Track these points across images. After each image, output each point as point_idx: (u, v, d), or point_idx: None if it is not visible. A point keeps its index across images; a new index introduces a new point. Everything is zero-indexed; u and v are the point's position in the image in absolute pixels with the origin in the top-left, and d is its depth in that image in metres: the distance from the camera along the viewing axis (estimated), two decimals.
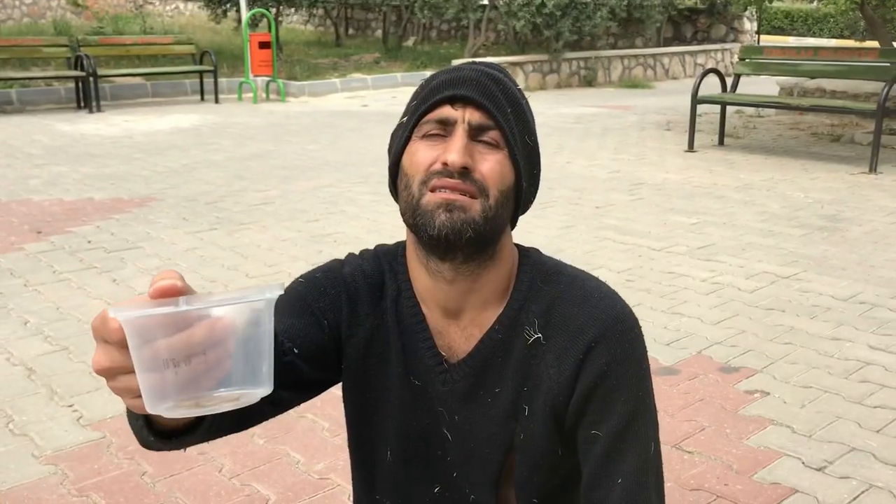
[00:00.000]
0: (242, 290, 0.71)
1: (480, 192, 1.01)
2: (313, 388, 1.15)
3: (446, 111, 1.02)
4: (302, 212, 5.32)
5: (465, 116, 1.02)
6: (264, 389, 0.74)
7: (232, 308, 0.70)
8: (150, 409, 0.70)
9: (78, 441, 2.51)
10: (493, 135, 1.02)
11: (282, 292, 0.73)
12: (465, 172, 1.00)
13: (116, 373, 0.72)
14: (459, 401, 1.12)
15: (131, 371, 0.70)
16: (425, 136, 1.03)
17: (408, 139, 1.05)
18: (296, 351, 1.07)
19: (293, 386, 1.09)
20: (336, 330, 1.13)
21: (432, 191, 1.01)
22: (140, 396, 0.70)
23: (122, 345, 0.70)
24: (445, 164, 0.99)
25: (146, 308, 0.68)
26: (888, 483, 2.29)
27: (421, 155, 1.03)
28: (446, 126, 1.02)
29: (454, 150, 1.00)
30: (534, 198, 1.14)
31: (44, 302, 3.68)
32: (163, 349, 0.68)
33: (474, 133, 1.02)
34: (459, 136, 1.01)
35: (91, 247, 4.52)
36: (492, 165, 1.02)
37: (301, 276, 1.17)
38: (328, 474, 2.34)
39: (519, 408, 1.09)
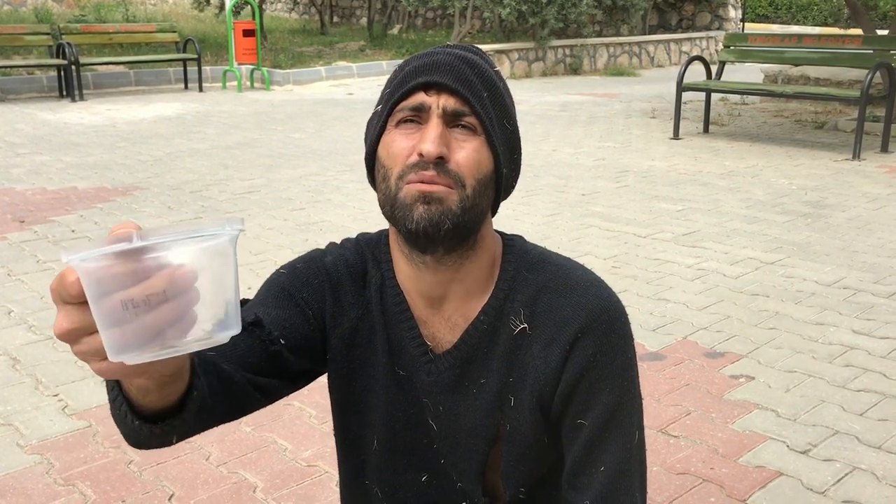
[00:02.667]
0: (199, 225, 0.67)
1: (457, 183, 0.99)
2: (300, 379, 1.14)
3: (420, 98, 1.00)
4: (287, 200, 5.30)
5: (439, 103, 1.00)
6: (233, 330, 0.71)
7: (192, 253, 0.67)
8: (113, 356, 0.66)
9: (63, 430, 2.50)
10: (469, 120, 1.00)
11: (242, 227, 0.69)
12: (440, 163, 0.98)
13: (79, 334, 0.68)
14: (444, 392, 1.11)
15: (95, 331, 0.66)
16: (400, 124, 1.01)
17: (383, 128, 1.04)
18: (282, 341, 1.06)
19: (279, 376, 1.08)
20: (321, 320, 1.12)
21: (409, 184, 0.99)
22: (107, 359, 0.68)
23: (82, 300, 0.66)
24: (421, 154, 0.98)
25: (101, 247, 0.64)
26: (871, 465, 2.32)
27: (397, 146, 1.01)
28: (421, 113, 1.00)
29: (429, 140, 0.98)
30: (515, 183, 1.11)
31: (27, 291, 3.65)
32: (127, 294, 0.65)
33: (449, 119, 1.00)
34: (434, 125, 0.99)
35: (75, 236, 4.48)
36: (468, 153, 1.00)
37: (282, 267, 1.16)
38: (316, 461, 2.34)
39: (504, 398, 1.09)
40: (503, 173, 1.05)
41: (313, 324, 1.11)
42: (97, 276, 0.65)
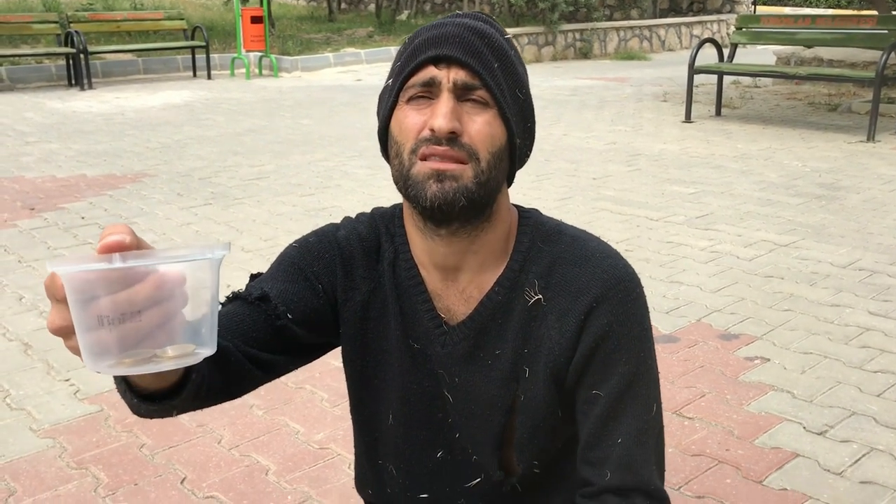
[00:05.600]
0: (188, 247, 0.70)
1: (471, 156, 0.98)
2: (312, 352, 1.14)
3: (430, 72, 0.98)
4: (297, 186, 5.28)
5: (450, 76, 0.98)
6: (207, 350, 0.73)
7: (176, 267, 0.69)
8: (91, 367, 0.69)
9: (76, 414, 2.49)
10: (480, 93, 0.98)
11: (227, 252, 0.71)
12: (453, 138, 0.97)
13: (69, 331, 0.70)
14: (459, 363, 1.10)
15: None
16: (411, 100, 1.00)
17: (395, 103, 1.02)
18: (290, 316, 1.05)
19: (287, 350, 1.08)
20: (332, 294, 1.11)
21: (423, 159, 0.98)
22: None
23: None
24: (433, 130, 0.96)
25: (81, 264, 0.66)
26: (889, 446, 2.29)
27: (409, 121, 0.99)
28: (431, 87, 0.99)
29: (440, 115, 0.96)
30: (529, 152, 1.09)
31: (38, 278, 3.65)
32: (104, 306, 0.67)
33: (460, 93, 0.98)
34: (445, 100, 0.97)
35: (85, 223, 4.48)
36: (480, 127, 0.98)
37: (294, 242, 1.15)
38: (328, 444, 2.33)
39: (519, 369, 1.07)
40: (517, 144, 1.03)
41: (323, 298, 1.11)
42: (80, 280, 0.67)
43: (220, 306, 0.83)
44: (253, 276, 1.13)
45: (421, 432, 1.15)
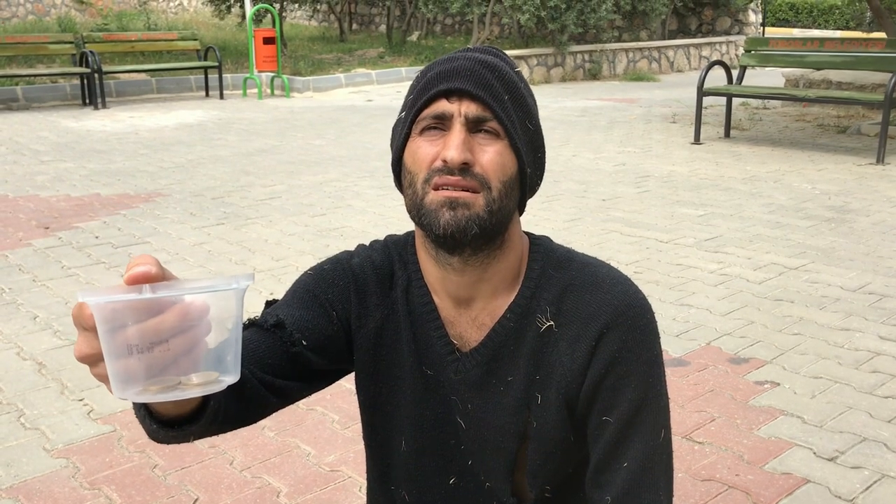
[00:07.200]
0: (213, 279, 0.72)
1: (482, 185, 1.00)
2: (326, 378, 1.16)
3: (442, 105, 1.01)
4: (308, 206, 5.32)
5: (461, 110, 1.01)
6: (231, 378, 0.75)
7: (202, 297, 0.71)
8: (118, 394, 0.71)
9: (89, 434, 2.51)
10: (491, 125, 1.01)
11: (251, 282, 0.74)
12: (465, 168, 1.00)
13: (97, 359, 0.73)
14: (472, 389, 1.11)
15: None
16: (424, 131, 1.03)
17: (408, 135, 1.05)
18: (304, 343, 1.07)
19: (301, 377, 1.09)
20: (346, 321, 1.14)
21: (435, 189, 1.00)
22: None
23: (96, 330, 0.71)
24: (446, 161, 0.99)
25: (110, 294, 0.69)
26: None
27: (422, 152, 1.02)
28: (444, 120, 1.02)
29: (452, 147, 0.99)
30: (540, 181, 1.12)
31: (52, 297, 3.69)
32: (132, 335, 0.69)
33: (472, 125, 1.01)
34: (457, 132, 1.00)
35: (98, 242, 4.53)
36: (492, 157, 1.01)
37: (310, 269, 1.17)
38: (339, 466, 2.34)
39: (532, 396, 1.09)
40: (528, 173, 1.06)
41: (337, 325, 1.13)
42: (109, 310, 0.69)
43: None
44: (268, 303, 1.15)
45: (433, 459, 1.16)
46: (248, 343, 1.05)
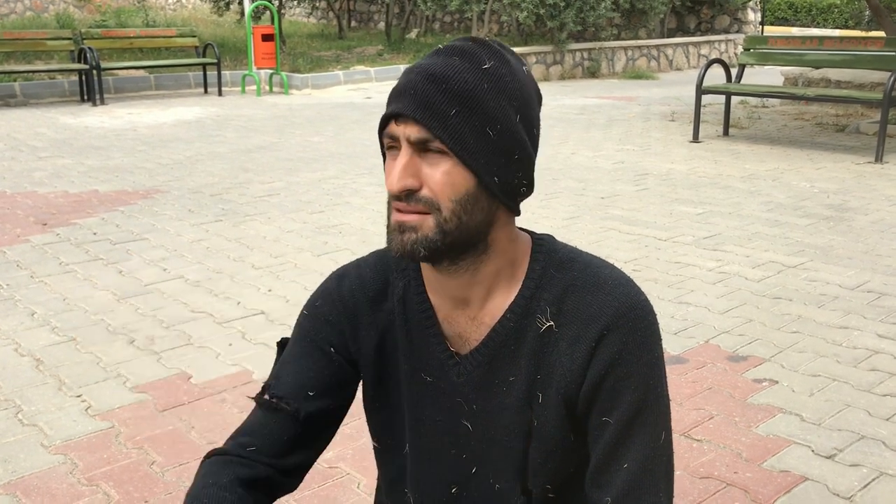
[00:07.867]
0: None
1: (432, 207, 0.99)
2: (348, 402, 1.21)
3: (391, 128, 1.01)
4: (307, 203, 5.32)
5: (405, 132, 0.99)
6: None
7: None
8: None
9: (86, 431, 2.51)
10: (436, 144, 0.99)
11: None
12: (410, 194, 0.99)
13: None
14: (476, 390, 1.12)
15: None
16: (389, 150, 1.04)
17: (384, 152, 1.07)
18: (311, 393, 1.13)
19: (325, 424, 1.17)
20: (345, 351, 1.16)
21: (395, 210, 1.02)
22: None
23: None
24: None
25: None
26: None
27: (387, 172, 1.03)
28: (396, 141, 1.02)
29: (390, 177, 1.00)
30: (525, 180, 1.05)
31: (50, 293, 3.69)
32: None
33: (418, 147, 0.99)
34: (401, 157, 1.00)
35: (97, 238, 4.52)
36: (439, 178, 0.99)
37: (305, 308, 1.20)
38: (337, 463, 2.34)
39: (533, 395, 1.09)
40: (495, 182, 1.01)
41: (338, 359, 1.16)
42: None
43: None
44: (279, 344, 1.21)
45: (434, 466, 1.17)
46: (263, 429, 1.14)
